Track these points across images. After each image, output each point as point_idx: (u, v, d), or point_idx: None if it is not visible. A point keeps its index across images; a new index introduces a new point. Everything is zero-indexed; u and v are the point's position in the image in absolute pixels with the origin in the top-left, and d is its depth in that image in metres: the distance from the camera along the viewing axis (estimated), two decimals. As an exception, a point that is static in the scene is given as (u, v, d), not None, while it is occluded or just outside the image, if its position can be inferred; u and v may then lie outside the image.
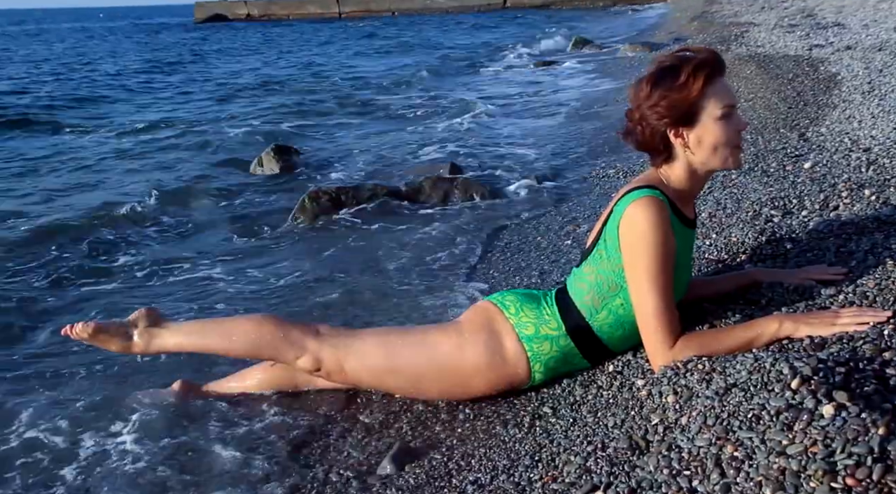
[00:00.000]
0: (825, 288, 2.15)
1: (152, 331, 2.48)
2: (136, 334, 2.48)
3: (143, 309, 2.55)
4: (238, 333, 2.41)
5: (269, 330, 2.39)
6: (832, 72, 5.91)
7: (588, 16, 31.38)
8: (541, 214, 4.73)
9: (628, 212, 2.00)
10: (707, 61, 2.00)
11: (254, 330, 2.40)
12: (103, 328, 2.46)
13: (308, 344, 2.37)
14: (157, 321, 2.51)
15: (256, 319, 2.46)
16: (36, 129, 9.78)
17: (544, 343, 2.23)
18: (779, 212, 2.92)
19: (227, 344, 2.43)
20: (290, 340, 2.37)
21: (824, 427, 1.39)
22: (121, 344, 2.48)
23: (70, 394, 2.79)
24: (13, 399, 2.77)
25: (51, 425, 2.56)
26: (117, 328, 2.48)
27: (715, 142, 2.02)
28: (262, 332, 2.39)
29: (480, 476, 2.00)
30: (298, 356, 2.37)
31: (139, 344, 2.48)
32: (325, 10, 50.93)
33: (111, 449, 2.41)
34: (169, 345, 2.49)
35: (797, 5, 13.05)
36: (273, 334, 2.38)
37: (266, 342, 2.38)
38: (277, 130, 8.85)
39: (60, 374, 2.97)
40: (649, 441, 1.76)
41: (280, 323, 2.42)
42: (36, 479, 2.30)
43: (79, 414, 2.62)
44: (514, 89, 11.60)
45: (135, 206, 5.52)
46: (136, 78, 16.76)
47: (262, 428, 2.48)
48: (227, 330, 2.44)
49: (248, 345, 2.41)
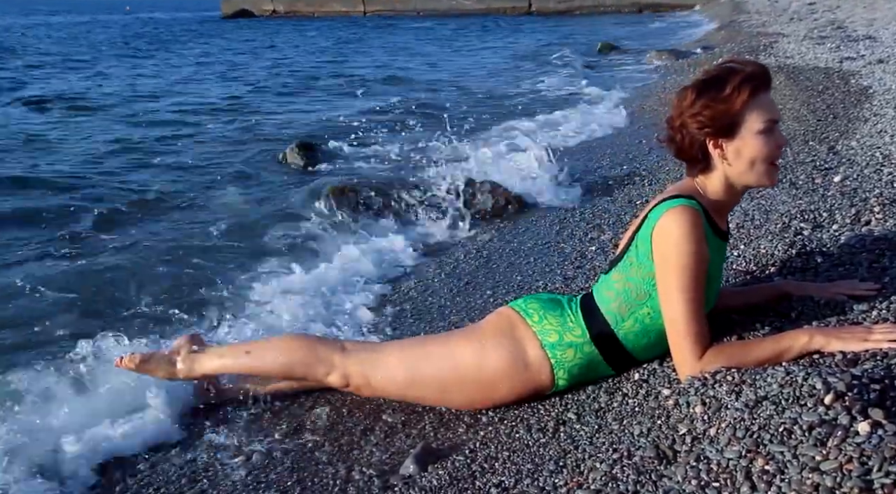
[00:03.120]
0: (857, 304, 2.13)
1: (194, 357, 2.59)
2: (180, 360, 2.59)
3: (185, 335, 2.68)
4: (271, 354, 2.52)
5: (298, 347, 2.50)
6: (863, 85, 5.86)
7: (622, 22, 30.85)
8: (564, 219, 4.72)
9: (663, 220, 2.00)
10: (754, 75, 2.00)
11: (285, 349, 2.51)
12: (148, 358, 2.59)
13: (335, 360, 2.45)
14: (198, 345, 2.63)
15: (287, 338, 2.59)
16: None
17: (568, 350, 2.23)
18: (809, 226, 2.89)
19: (260, 364, 2.54)
20: (319, 357, 2.47)
21: (860, 445, 1.38)
22: (166, 371, 2.59)
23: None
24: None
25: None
26: (161, 356, 2.61)
27: (753, 156, 2.02)
28: (293, 351, 2.49)
29: (504, 479, 2.00)
30: (328, 372, 2.46)
31: (183, 370, 2.59)
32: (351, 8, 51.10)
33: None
34: (210, 368, 2.59)
35: (827, 17, 12.94)
36: (303, 352, 2.48)
37: (297, 360, 2.48)
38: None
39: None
40: (677, 450, 1.75)
41: (309, 342, 2.53)
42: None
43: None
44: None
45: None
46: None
47: (285, 426, 2.50)
48: (261, 352, 2.55)
49: (280, 365, 2.51)
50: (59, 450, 2.36)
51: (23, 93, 12.28)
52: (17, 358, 3.05)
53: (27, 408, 2.58)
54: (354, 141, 7.30)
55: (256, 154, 7.32)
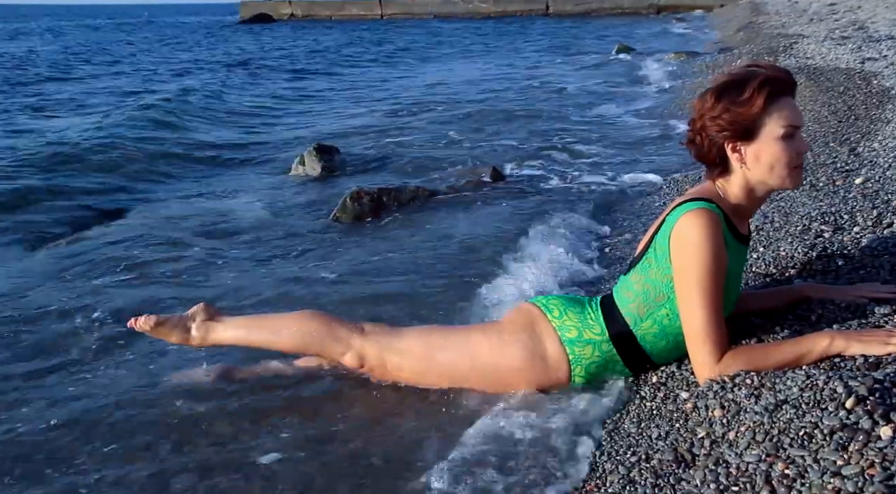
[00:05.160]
0: (879, 307, 2.11)
1: (209, 325, 2.60)
2: (195, 327, 2.60)
3: (202, 303, 2.67)
4: (287, 328, 2.51)
5: (316, 326, 2.49)
6: (886, 86, 5.78)
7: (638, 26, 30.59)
8: (580, 220, 4.70)
9: (681, 223, 1.99)
10: (773, 79, 1.98)
11: (302, 325, 2.50)
12: (163, 321, 2.60)
13: (353, 341, 2.46)
14: (214, 315, 2.63)
15: (305, 315, 2.56)
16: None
17: (586, 347, 2.24)
18: (829, 228, 2.86)
19: (276, 338, 2.54)
20: (336, 337, 2.47)
21: (882, 449, 1.36)
22: (180, 336, 2.60)
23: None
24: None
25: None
26: (177, 321, 2.61)
27: (772, 161, 2.00)
28: (310, 328, 2.49)
29: (522, 482, 1.99)
30: (344, 352, 2.46)
31: (197, 337, 2.60)
32: (368, 11, 51.34)
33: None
34: (223, 339, 2.60)
35: (848, 17, 12.80)
36: (320, 330, 2.48)
37: (313, 337, 2.48)
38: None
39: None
40: (695, 454, 1.74)
41: (327, 320, 2.52)
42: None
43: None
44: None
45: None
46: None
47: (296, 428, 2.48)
48: (277, 326, 2.55)
49: (296, 340, 2.51)
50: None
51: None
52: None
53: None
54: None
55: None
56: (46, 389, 2.82)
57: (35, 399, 2.71)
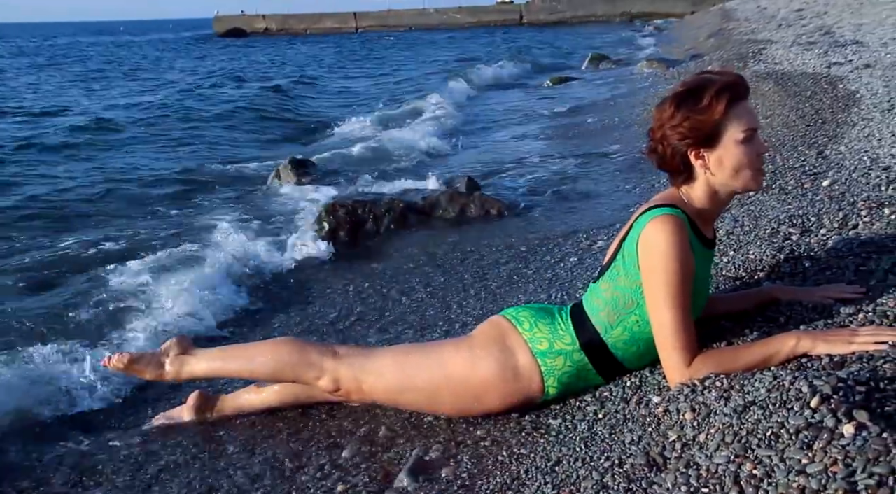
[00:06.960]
0: (844, 307, 2.14)
1: (183, 359, 2.58)
2: (168, 362, 2.58)
3: (175, 337, 2.66)
4: (260, 357, 2.50)
5: (288, 351, 2.47)
6: (851, 89, 5.89)
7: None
8: (555, 229, 4.74)
9: (647, 229, 2.01)
10: (730, 84, 2.02)
11: (274, 353, 2.48)
12: (137, 358, 2.59)
13: (326, 364, 2.43)
14: (187, 348, 2.61)
15: (278, 342, 2.56)
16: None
17: (558, 358, 2.24)
18: (797, 230, 2.91)
19: (251, 367, 2.53)
20: (309, 361, 2.44)
21: (845, 447, 1.39)
22: (154, 372, 2.59)
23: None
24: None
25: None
26: (150, 357, 2.60)
27: (735, 165, 2.04)
28: (283, 355, 2.46)
29: (497, 489, 2.00)
30: (318, 377, 2.44)
31: (171, 372, 2.58)
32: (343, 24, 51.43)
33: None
34: (198, 371, 2.58)
35: (815, 23, 13.01)
36: (292, 356, 2.45)
37: (286, 364, 2.46)
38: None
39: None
40: (667, 457, 1.75)
41: (299, 345, 2.50)
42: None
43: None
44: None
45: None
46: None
47: (277, 442, 2.49)
48: (250, 355, 2.53)
49: (270, 368, 2.49)
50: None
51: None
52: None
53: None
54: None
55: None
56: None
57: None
